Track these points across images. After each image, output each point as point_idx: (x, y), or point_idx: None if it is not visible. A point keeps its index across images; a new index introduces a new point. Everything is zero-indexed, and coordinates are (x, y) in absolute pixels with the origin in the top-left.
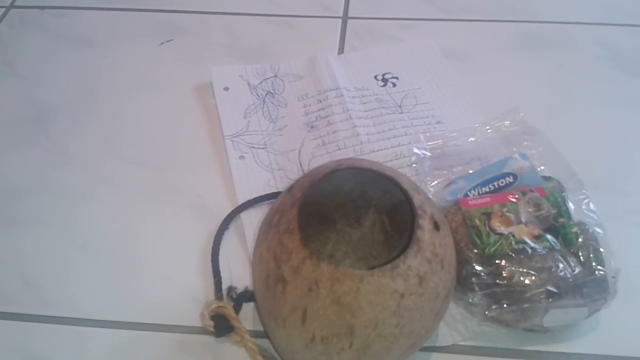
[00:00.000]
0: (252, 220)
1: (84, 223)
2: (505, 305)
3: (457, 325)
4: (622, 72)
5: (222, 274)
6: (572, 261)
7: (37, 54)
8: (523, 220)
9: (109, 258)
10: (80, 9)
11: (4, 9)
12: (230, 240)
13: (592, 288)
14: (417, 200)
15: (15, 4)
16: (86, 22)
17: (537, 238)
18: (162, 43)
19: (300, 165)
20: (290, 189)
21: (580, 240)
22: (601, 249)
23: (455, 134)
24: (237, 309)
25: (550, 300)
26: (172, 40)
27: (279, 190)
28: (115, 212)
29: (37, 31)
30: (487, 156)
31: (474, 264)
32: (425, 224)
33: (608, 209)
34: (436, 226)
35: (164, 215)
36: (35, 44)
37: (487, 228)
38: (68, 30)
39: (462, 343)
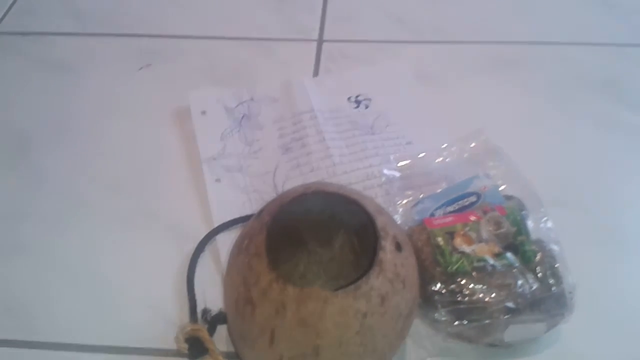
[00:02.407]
0: (228, 243)
1: (63, 248)
2: (466, 322)
3: (424, 342)
4: (586, 91)
5: (197, 296)
6: (530, 278)
7: (17, 80)
8: (484, 238)
9: (87, 282)
10: (59, 35)
11: None
12: (205, 263)
13: (549, 304)
14: (380, 222)
15: None
16: (65, 47)
17: (497, 256)
18: (140, 68)
19: (275, 187)
20: (260, 213)
21: (538, 257)
22: (556, 265)
23: (423, 154)
24: (212, 331)
25: (509, 316)
26: (150, 65)
27: (254, 212)
28: (93, 236)
29: (16, 57)
30: (453, 176)
31: (437, 282)
32: (387, 245)
33: (568, 225)
34: (398, 247)
35: (141, 239)
36: (15, 70)
37: (450, 247)
38: (47, 55)
39: (429, 359)
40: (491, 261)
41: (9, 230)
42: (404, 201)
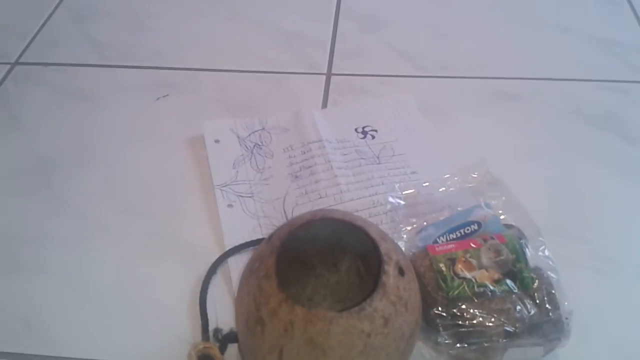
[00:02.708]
0: (239, 265)
1: (81, 268)
2: (467, 345)
3: None
4: (586, 125)
5: (209, 316)
6: (529, 304)
7: (39, 108)
8: (484, 265)
9: (104, 300)
10: (80, 66)
11: (9, 65)
12: (217, 284)
13: (547, 328)
14: (383, 248)
15: (20, 60)
16: (85, 78)
17: (497, 282)
18: (158, 98)
19: (285, 213)
20: (270, 237)
21: (536, 284)
22: (553, 292)
23: (427, 184)
24: (223, 349)
25: (508, 339)
26: (167, 95)
27: (264, 236)
28: (110, 258)
29: (39, 86)
30: (456, 205)
31: (439, 306)
32: (390, 269)
33: (565, 254)
34: (401, 272)
35: (156, 261)
36: (38, 99)
37: (452, 272)
38: (68, 85)
39: None
40: (491, 287)
41: (31, 251)
42: (408, 228)
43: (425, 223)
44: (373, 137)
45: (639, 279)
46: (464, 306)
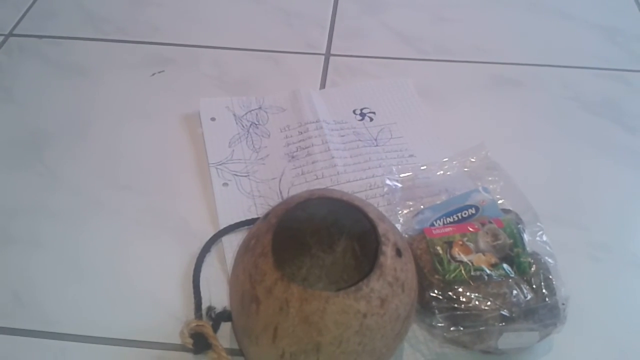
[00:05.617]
0: (233, 244)
1: (74, 243)
2: (462, 328)
3: (420, 347)
4: (585, 113)
5: (202, 294)
6: (525, 288)
7: (33, 81)
8: (481, 249)
9: (96, 276)
10: (76, 39)
11: (2, 37)
12: (211, 263)
13: (543, 314)
14: (381, 228)
15: (14, 32)
16: (81, 51)
17: (494, 266)
18: (153, 74)
19: (280, 193)
20: (267, 215)
21: (533, 269)
22: (550, 277)
23: (425, 167)
24: (215, 328)
25: (503, 324)
26: (163, 71)
27: (259, 216)
28: (103, 234)
29: (33, 59)
30: (453, 189)
31: (435, 289)
32: (388, 250)
33: (564, 240)
34: (398, 253)
35: (150, 238)
36: (32, 72)
37: (448, 256)
38: (63, 58)
39: None
40: (488, 271)
41: (24, 225)
42: (405, 211)
43: (422, 206)
44: (371, 119)
45: (635, 267)
46: (460, 289)
